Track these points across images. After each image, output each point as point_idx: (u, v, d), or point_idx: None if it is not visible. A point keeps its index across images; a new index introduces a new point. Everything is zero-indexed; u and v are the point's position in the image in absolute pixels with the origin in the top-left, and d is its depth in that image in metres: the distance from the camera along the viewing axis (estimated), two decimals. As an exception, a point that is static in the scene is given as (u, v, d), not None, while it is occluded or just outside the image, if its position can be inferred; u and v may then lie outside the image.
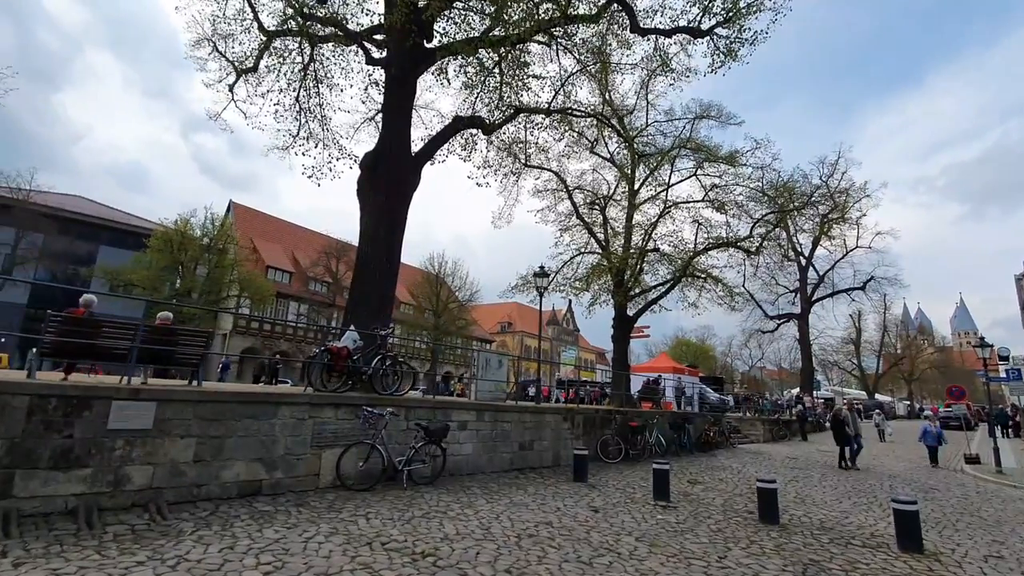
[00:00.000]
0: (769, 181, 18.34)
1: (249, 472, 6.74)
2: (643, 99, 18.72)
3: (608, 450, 12.92)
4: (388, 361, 9.02)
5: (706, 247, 18.26)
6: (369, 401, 8.03)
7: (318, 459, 7.46)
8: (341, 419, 7.77)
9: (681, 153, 18.49)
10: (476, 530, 6.08)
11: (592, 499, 8.58)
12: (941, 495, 11.45)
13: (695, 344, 76.99)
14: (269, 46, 13.98)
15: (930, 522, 8.65)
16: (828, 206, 29.93)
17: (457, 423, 9.47)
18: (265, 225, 51.27)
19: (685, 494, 9.68)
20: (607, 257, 17.50)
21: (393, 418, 8.19)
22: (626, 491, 9.57)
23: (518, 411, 10.84)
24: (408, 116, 11.09)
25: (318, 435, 7.49)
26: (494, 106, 12.45)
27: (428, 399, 9.34)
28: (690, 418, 16.65)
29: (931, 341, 73.03)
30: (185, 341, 7.78)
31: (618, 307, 18.19)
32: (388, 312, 10.47)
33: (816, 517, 8.44)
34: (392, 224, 10.63)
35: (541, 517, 7.00)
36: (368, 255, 10.39)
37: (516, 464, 10.59)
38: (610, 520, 7.22)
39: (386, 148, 10.68)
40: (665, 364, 27.87)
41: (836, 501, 9.95)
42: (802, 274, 35.78)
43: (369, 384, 8.64)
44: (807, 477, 12.84)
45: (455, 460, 9.37)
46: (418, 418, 8.70)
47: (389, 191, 10.58)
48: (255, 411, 6.88)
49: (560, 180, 19.45)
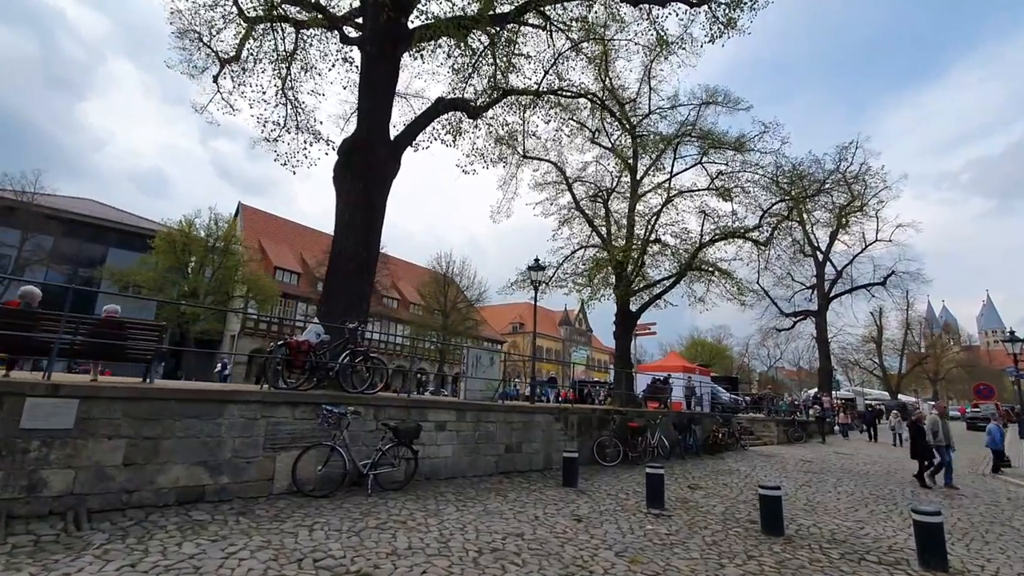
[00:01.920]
0: (779, 167, 17.38)
1: (190, 477, 6.14)
2: (646, 85, 17.92)
3: (605, 452, 12.14)
4: (358, 357, 8.38)
5: (712, 238, 17.34)
6: (331, 399, 7.39)
7: (272, 462, 6.84)
8: (299, 419, 7.15)
9: (685, 140, 17.63)
10: (432, 543, 5.39)
11: (578, 506, 7.84)
12: (968, 502, 10.48)
13: (711, 344, 75.53)
14: (250, 34, 13.53)
15: (956, 533, 7.77)
16: (845, 196, 28.50)
17: (434, 423, 8.80)
18: (273, 226, 51.31)
19: (683, 501, 8.88)
20: (608, 249, 16.70)
21: (357, 418, 7.55)
22: (618, 497, 8.80)
23: (504, 411, 10.13)
24: (387, 98, 10.47)
25: (272, 436, 6.88)
26: (482, 89, 11.78)
27: (401, 397, 8.69)
28: (696, 419, 15.76)
29: (957, 340, 70.52)
30: (135, 335, 7.24)
31: (620, 303, 17.37)
32: (365, 305, 9.85)
33: (827, 528, 7.59)
34: (369, 212, 10.01)
35: (513, 528, 6.29)
36: (343, 245, 9.78)
37: (502, 467, 9.88)
38: (592, 531, 6.49)
39: (362, 132, 10.07)
40: (675, 363, 26.89)
41: (851, 509, 9.06)
42: (819, 269, 34.44)
43: (336, 381, 8.02)
44: (821, 482, 11.92)
45: (432, 463, 8.70)
46: (389, 418, 8.06)
47: (366, 177, 9.95)
48: (198, 410, 6.28)
49: (560, 171, 18.72)
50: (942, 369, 57.02)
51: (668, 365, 26.57)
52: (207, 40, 13.97)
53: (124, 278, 31.19)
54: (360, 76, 10.48)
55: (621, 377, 16.78)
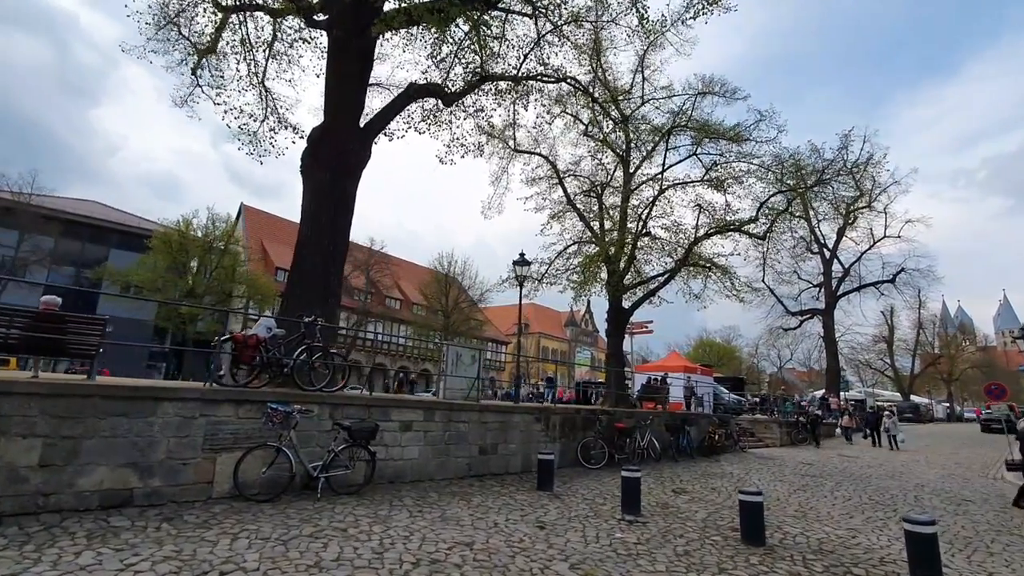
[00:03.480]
0: (774, 156, 16.70)
1: (116, 479, 5.72)
2: (639, 75, 17.37)
3: (590, 454, 11.60)
4: (317, 353, 7.94)
5: (708, 232, 16.71)
6: (280, 397, 6.95)
7: (212, 464, 6.40)
8: (244, 418, 6.71)
9: (679, 131, 17.00)
10: (366, 554, 4.91)
11: (546, 512, 7.32)
12: (976, 508, 9.81)
13: (719, 344, 74.52)
14: (226, 23, 13.19)
15: (958, 543, 7.15)
16: (850, 189, 27.52)
17: (399, 423, 8.33)
18: (276, 227, 51.20)
19: (664, 506, 8.33)
20: (599, 243, 16.15)
21: (309, 417, 7.10)
22: (595, 502, 8.27)
23: (478, 410, 9.63)
24: (356, 85, 10.03)
25: (213, 436, 6.44)
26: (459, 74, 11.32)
27: (362, 396, 8.24)
28: (691, 419, 15.15)
29: (972, 340, 68.80)
30: (76, 329, 6.85)
31: (612, 299, 16.80)
32: (332, 299, 9.42)
33: (815, 536, 7.01)
34: (337, 203, 9.58)
35: (465, 536, 5.79)
36: (309, 237, 9.35)
37: (475, 470, 9.39)
38: (553, 539, 5.98)
39: (329, 120, 9.65)
40: (676, 363, 26.26)
41: (845, 516, 8.46)
42: (826, 267, 33.54)
43: (291, 379, 7.58)
44: (818, 486, 11.29)
45: (396, 466, 8.22)
46: (348, 417, 7.60)
47: (333, 167, 9.53)
48: (126, 408, 5.85)
49: (551, 166, 18.20)
50: (956, 370, 55.59)
51: (669, 365, 25.93)
52: (184, 31, 13.68)
53: (122, 279, 31.13)
54: (327, 62, 10.07)
55: (613, 376, 16.20)
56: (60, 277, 35.50)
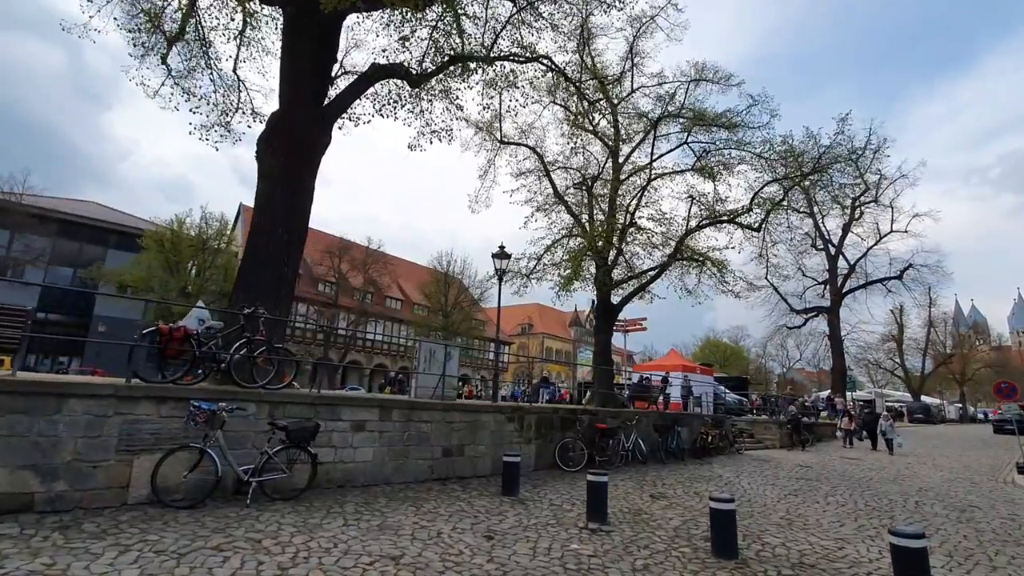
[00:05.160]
0: (766, 141, 15.91)
1: (14, 483, 5.19)
2: (629, 62, 16.73)
3: (569, 456, 10.98)
4: (260, 347, 7.40)
5: (699, 224, 16.01)
6: (211, 394, 6.40)
7: (128, 467, 5.86)
8: (166, 417, 6.17)
9: (669, 119, 16.34)
10: (268, 571, 4.34)
11: (502, 520, 6.71)
12: (982, 515, 9.06)
13: (726, 344, 73.51)
14: (193, 8, 12.74)
15: (958, 555, 6.45)
16: (849, 176, 26.23)
17: (350, 423, 7.76)
18: (275, 227, 51.03)
19: (636, 513, 7.69)
20: (586, 236, 15.51)
21: (242, 415, 6.54)
22: (561, 508, 7.66)
23: (442, 409, 9.04)
24: (315, 66, 9.47)
25: (129, 437, 5.90)
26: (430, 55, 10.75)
27: (307, 393, 7.68)
28: (681, 420, 14.45)
29: (986, 339, 67.16)
30: (-5, 321, 6.38)
31: (600, 294, 16.14)
32: (286, 292, 8.88)
33: (797, 548, 6.35)
34: (293, 191, 9.04)
35: (398, 549, 5.20)
36: (261, 227, 8.82)
37: (438, 473, 8.80)
38: (496, 553, 5.37)
39: (284, 103, 9.12)
40: (674, 362, 25.54)
41: (835, 524, 7.77)
42: (831, 264, 32.58)
43: (228, 375, 7.05)
44: (812, 491, 10.58)
45: (347, 469, 7.66)
46: (291, 416, 7.05)
47: (288, 152, 8.99)
48: (26, 404, 5.33)
49: (538, 157, 17.59)
50: (969, 370, 54.16)
51: (667, 364, 25.22)
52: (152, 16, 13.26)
53: (115, 278, 30.92)
54: (283, 41, 9.55)
55: (600, 375, 15.54)
56: (55, 277, 35.53)
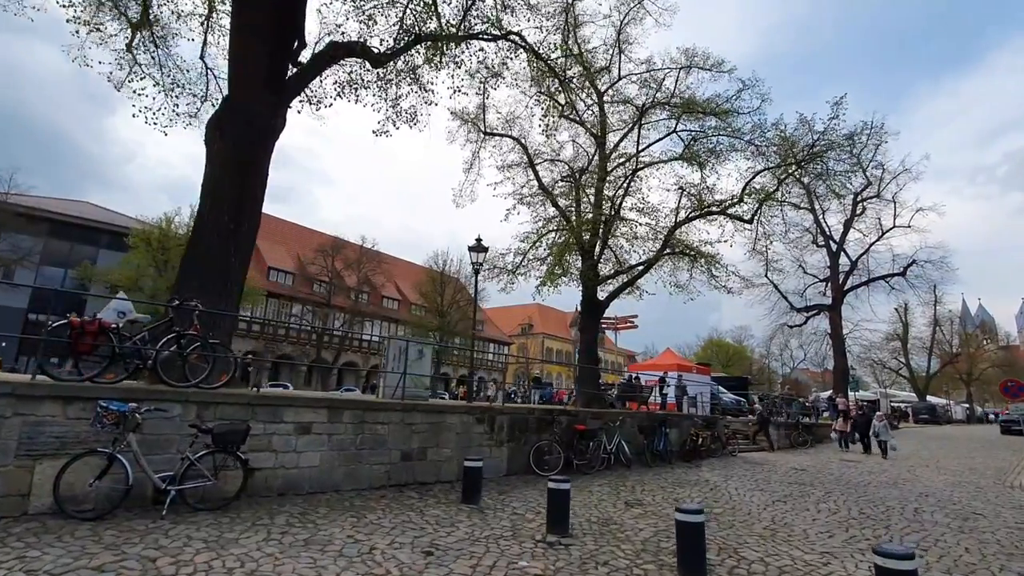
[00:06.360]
0: (756, 126, 15.21)
1: None
2: (615, 48, 16.12)
3: (544, 460, 10.35)
4: (195, 343, 6.81)
5: (688, 216, 15.34)
6: (124, 393, 5.81)
7: (29, 474, 5.29)
8: (74, 418, 5.58)
9: (657, 107, 15.71)
10: (146, 596, 3.75)
11: (452, 532, 6.09)
12: (986, 524, 8.36)
13: (729, 345, 72.66)
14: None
15: (958, 570, 5.78)
16: (846, 164, 25.24)
17: (294, 425, 7.16)
18: (270, 227, 50.58)
19: (605, 522, 7.05)
20: (571, 228, 14.89)
21: (162, 417, 5.95)
22: (524, 518, 7.03)
23: (401, 410, 8.43)
24: (268, 46, 8.86)
25: (30, 440, 5.32)
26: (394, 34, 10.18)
27: (245, 393, 7.09)
28: (669, 421, 13.78)
29: (993, 338, 66.02)
30: None
31: (585, 289, 15.50)
32: (232, 285, 8.28)
33: (777, 564, 5.69)
34: (241, 177, 8.44)
35: (315, 569, 4.57)
36: (206, 215, 8.24)
37: (396, 479, 8.18)
38: (432, 572, 4.76)
39: (232, 84, 8.55)
40: (669, 361, 24.90)
41: (824, 534, 7.10)
42: (832, 260, 31.82)
43: (155, 372, 6.46)
44: (803, 496, 9.90)
45: (290, 475, 7.06)
46: (223, 418, 6.45)
47: (236, 136, 8.41)
48: (-99, 406, 4.78)
49: (523, 148, 16.97)
50: (976, 369, 53.16)
51: (662, 363, 24.60)
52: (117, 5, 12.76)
53: (102, 278, 30.56)
54: (231, 19, 8.97)
55: (585, 374, 14.90)
56: (46, 277, 35.32)
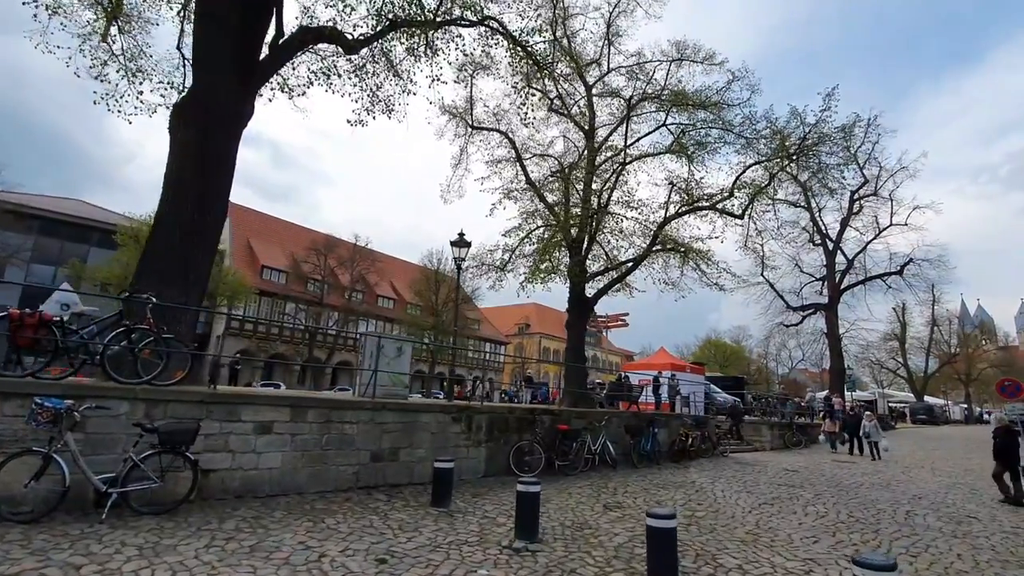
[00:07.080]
0: (746, 118, 14.88)
1: None
2: (604, 40, 15.82)
3: (525, 461, 10.02)
4: (148, 338, 6.48)
5: (678, 211, 15.02)
6: (65, 389, 5.48)
7: (-43, 476, 4.97)
8: (9, 416, 5.26)
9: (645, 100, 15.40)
10: (52, 611, 3.42)
11: (414, 537, 5.76)
12: (980, 528, 8.04)
13: (727, 345, 72.37)
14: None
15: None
16: (840, 158, 24.77)
17: (253, 424, 6.83)
18: (264, 225, 50.42)
19: (579, 527, 6.72)
20: (557, 222, 14.58)
21: (105, 415, 5.62)
22: (494, 522, 6.71)
23: (371, 408, 8.10)
24: (239, 31, 8.53)
25: (-42, 440, 5.01)
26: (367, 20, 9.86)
27: (198, 390, 6.75)
28: (658, 421, 13.46)
29: (991, 339, 65.72)
30: None
31: (572, 285, 15.17)
32: (196, 280, 7.96)
33: (756, 571, 5.37)
34: (205, 166, 8.11)
35: (257, 575, 4.27)
36: (167, 207, 7.91)
37: (365, 480, 7.85)
38: (380, 581, 4.44)
39: (197, 69, 8.23)
40: (663, 361, 24.65)
41: (809, 540, 6.77)
42: (829, 259, 31.50)
43: (103, 368, 6.14)
44: (792, 499, 9.58)
45: (248, 476, 6.72)
46: (174, 416, 6.12)
47: (201, 125, 8.07)
48: None
49: (510, 143, 16.64)
50: (975, 369, 52.85)
51: (656, 363, 24.37)
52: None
53: (90, 276, 30.25)
54: (196, 3, 8.65)
55: (572, 373, 14.57)
56: (36, 275, 35.04)
